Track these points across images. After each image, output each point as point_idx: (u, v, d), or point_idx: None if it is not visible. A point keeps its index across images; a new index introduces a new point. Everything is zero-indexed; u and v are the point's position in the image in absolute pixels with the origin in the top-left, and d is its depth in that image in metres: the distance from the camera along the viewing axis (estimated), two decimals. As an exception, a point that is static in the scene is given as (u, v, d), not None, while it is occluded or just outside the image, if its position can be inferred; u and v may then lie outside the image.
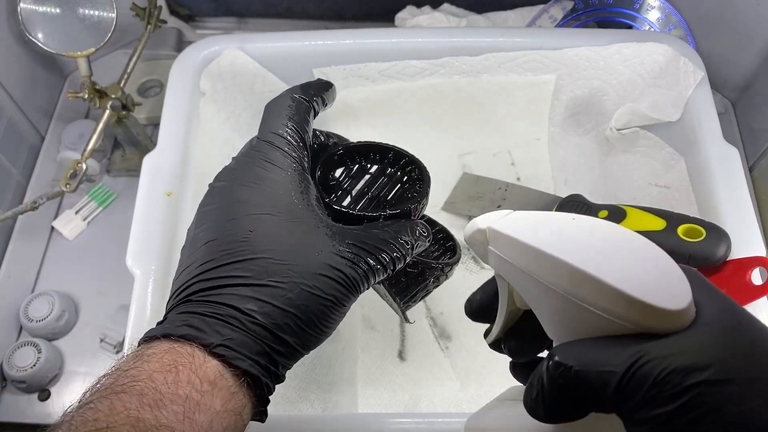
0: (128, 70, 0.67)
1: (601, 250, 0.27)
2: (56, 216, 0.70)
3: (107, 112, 0.64)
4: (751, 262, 0.49)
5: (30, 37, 0.61)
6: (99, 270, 0.67)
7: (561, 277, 0.27)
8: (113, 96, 0.64)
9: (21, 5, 0.60)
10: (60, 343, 0.63)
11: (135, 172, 0.71)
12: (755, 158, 0.70)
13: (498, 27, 0.77)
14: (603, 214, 0.57)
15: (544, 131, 0.71)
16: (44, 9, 0.61)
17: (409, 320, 0.51)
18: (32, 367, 0.59)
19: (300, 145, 0.39)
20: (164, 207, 0.54)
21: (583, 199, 0.60)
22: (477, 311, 0.36)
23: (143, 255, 0.52)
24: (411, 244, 0.38)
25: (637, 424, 0.24)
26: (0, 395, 0.61)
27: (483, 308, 0.36)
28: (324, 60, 0.65)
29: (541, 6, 0.77)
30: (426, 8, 0.78)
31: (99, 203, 0.71)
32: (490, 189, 0.67)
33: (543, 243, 0.28)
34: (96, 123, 0.64)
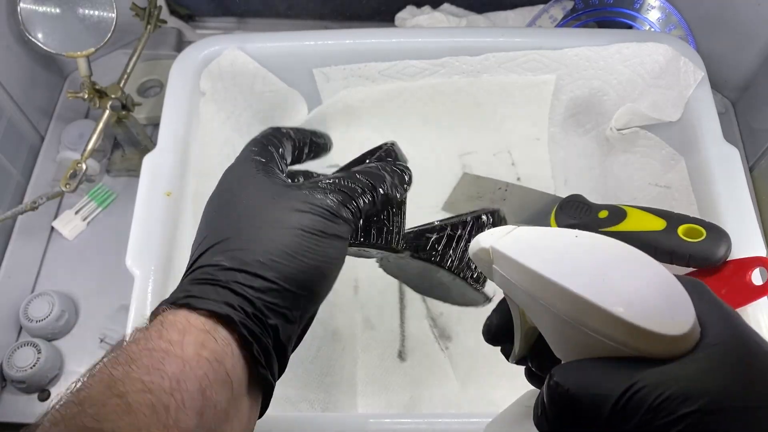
0: (128, 70, 0.67)
1: (602, 273, 0.27)
2: (56, 216, 0.70)
3: (107, 112, 0.64)
4: (752, 262, 0.49)
5: (30, 37, 0.60)
6: (99, 270, 0.67)
7: (561, 302, 0.27)
8: (113, 96, 0.64)
9: (21, 5, 0.60)
10: (60, 343, 0.63)
11: (135, 172, 0.71)
12: (755, 158, 0.70)
13: (498, 27, 0.77)
14: (603, 214, 0.57)
15: (544, 131, 0.71)
16: (44, 9, 0.61)
17: (489, 297, 0.47)
18: (32, 368, 0.59)
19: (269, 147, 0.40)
20: (164, 207, 0.54)
21: (583, 199, 0.60)
22: (496, 336, 0.36)
23: (143, 255, 0.52)
24: (381, 172, 0.39)
25: None
26: (0, 395, 0.61)
27: (501, 331, 0.35)
28: (324, 60, 0.65)
29: (541, 6, 0.77)
30: (426, 8, 0.78)
31: (99, 203, 0.70)
32: (490, 189, 0.67)
33: (543, 266, 0.28)
34: (96, 123, 0.64)
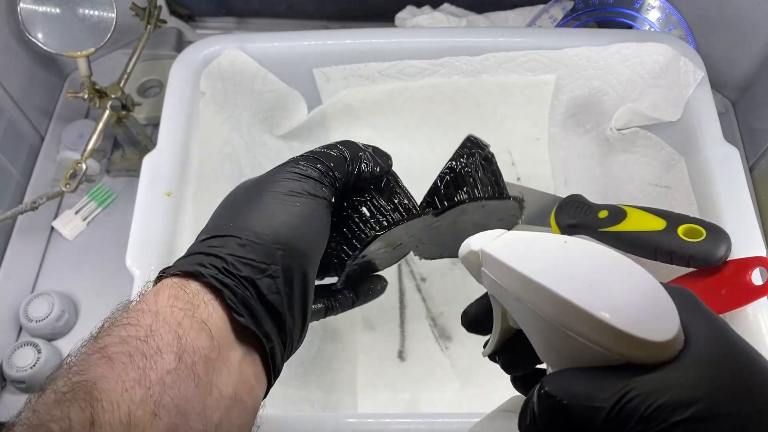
0: (128, 70, 0.67)
1: (590, 279, 0.27)
2: (56, 216, 0.70)
3: (107, 112, 0.64)
4: (752, 262, 0.49)
5: (30, 37, 0.60)
6: (99, 270, 0.67)
7: (548, 306, 0.28)
8: (113, 96, 0.64)
9: (21, 5, 0.60)
10: (60, 343, 0.63)
11: (135, 172, 0.71)
12: (755, 158, 0.70)
13: (498, 27, 0.77)
14: (603, 214, 0.56)
15: (544, 131, 0.71)
16: (44, 9, 0.61)
17: (521, 198, 0.52)
18: (32, 368, 0.59)
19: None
20: (164, 207, 0.54)
21: (583, 199, 0.60)
22: (471, 323, 0.37)
23: (143, 255, 0.52)
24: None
25: None
26: (0, 395, 0.61)
27: (477, 321, 0.37)
28: (324, 60, 0.65)
29: (541, 6, 0.77)
30: (426, 8, 0.78)
31: (99, 203, 0.70)
32: (490, 189, 0.67)
33: (532, 270, 0.29)
34: (96, 123, 0.64)
